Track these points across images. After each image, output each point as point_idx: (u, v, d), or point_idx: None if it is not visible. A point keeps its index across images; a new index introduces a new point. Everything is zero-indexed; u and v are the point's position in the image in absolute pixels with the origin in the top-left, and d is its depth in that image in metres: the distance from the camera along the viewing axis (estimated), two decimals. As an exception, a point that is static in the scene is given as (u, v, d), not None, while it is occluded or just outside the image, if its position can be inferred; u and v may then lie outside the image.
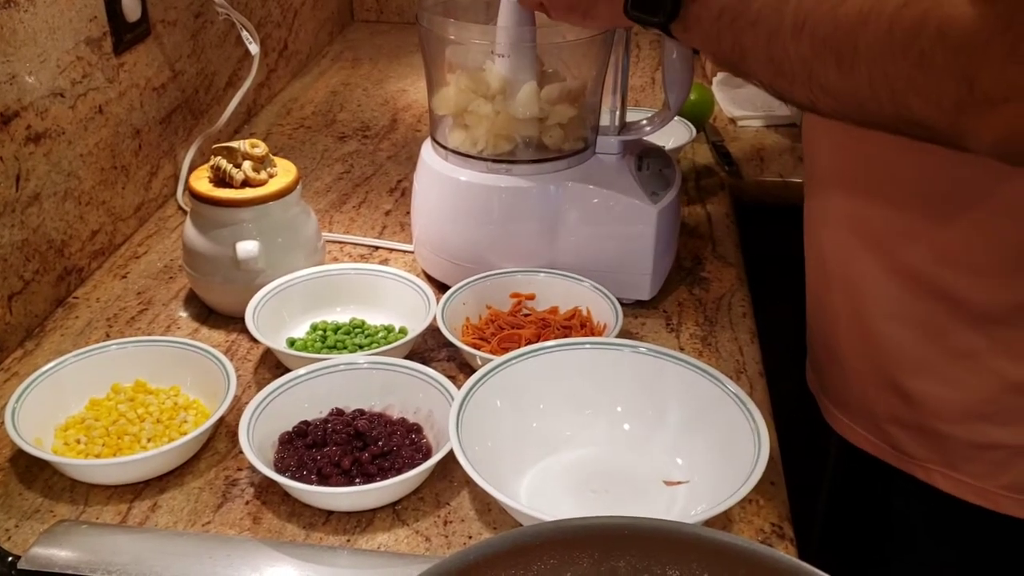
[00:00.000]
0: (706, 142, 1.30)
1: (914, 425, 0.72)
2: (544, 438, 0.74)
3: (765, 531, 0.68)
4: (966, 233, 0.65)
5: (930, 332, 0.69)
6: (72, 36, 0.91)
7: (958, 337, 0.68)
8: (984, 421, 0.69)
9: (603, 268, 0.90)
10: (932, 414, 0.71)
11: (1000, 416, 0.68)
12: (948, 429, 0.70)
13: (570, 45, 0.90)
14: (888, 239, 0.70)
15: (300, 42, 1.55)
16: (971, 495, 0.71)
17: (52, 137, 0.90)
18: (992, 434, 0.69)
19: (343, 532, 0.68)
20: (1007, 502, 0.70)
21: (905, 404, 0.72)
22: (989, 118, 0.48)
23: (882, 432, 0.75)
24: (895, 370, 0.72)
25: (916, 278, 0.68)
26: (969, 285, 0.66)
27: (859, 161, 0.70)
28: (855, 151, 0.70)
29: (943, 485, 0.72)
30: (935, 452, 0.72)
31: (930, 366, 0.70)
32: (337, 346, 0.84)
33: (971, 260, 0.65)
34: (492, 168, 0.90)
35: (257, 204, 0.87)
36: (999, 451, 0.69)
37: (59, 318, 0.92)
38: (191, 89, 1.17)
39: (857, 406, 0.77)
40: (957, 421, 0.70)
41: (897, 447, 0.74)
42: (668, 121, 0.91)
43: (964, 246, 0.65)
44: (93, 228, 0.98)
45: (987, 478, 0.70)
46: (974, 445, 0.69)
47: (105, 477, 0.71)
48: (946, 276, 0.67)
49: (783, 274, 0.94)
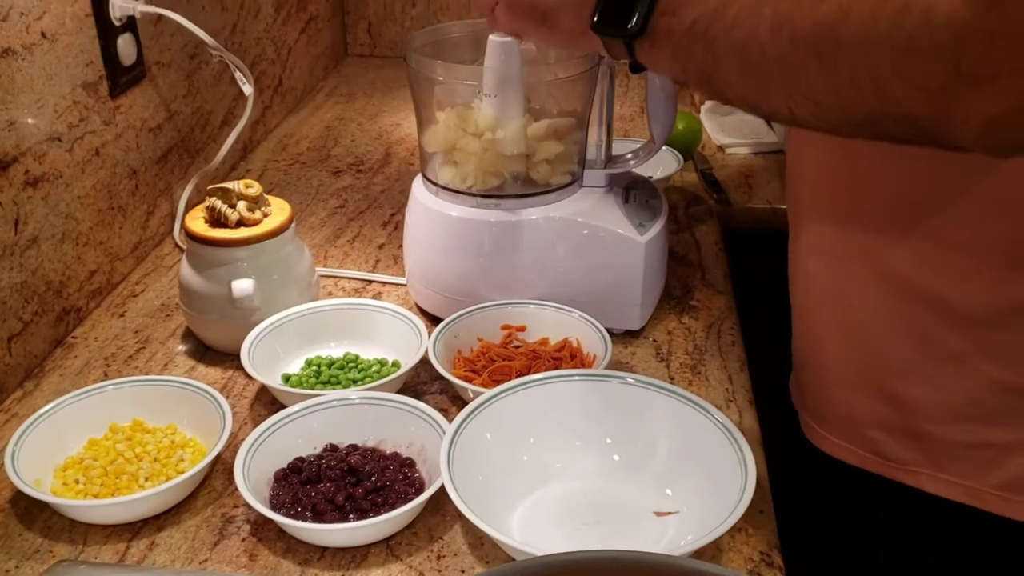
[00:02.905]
0: (694, 170, 1.32)
1: (901, 429, 0.73)
2: (535, 470, 0.75)
3: (754, 560, 0.69)
4: (949, 236, 0.66)
5: (917, 337, 0.70)
6: (69, 81, 0.93)
7: (945, 341, 0.69)
8: (972, 421, 0.70)
9: (592, 299, 0.92)
10: (921, 416, 0.72)
11: (988, 416, 0.69)
12: (937, 430, 0.71)
13: (557, 82, 0.92)
14: (873, 246, 0.71)
15: (294, 78, 1.57)
16: (961, 495, 0.72)
17: (50, 181, 0.91)
18: (980, 433, 0.70)
19: (338, 568, 0.69)
20: (996, 501, 0.71)
21: (893, 409, 0.73)
22: (977, 100, 0.48)
23: (866, 441, 0.76)
24: (883, 376, 0.73)
25: (902, 284, 0.70)
26: (954, 289, 0.67)
27: (843, 171, 0.71)
28: (839, 161, 0.71)
29: (931, 488, 0.73)
30: (923, 455, 0.73)
31: (918, 370, 0.71)
32: (331, 381, 0.86)
33: (955, 264, 0.67)
34: (481, 203, 0.92)
35: (252, 243, 0.89)
36: (988, 450, 0.70)
37: (58, 358, 0.93)
38: (187, 128, 1.19)
39: (840, 419, 0.78)
40: (946, 422, 0.71)
41: (882, 454, 0.75)
42: (653, 154, 0.93)
43: (948, 250, 0.67)
44: (91, 268, 1.00)
45: (976, 478, 0.71)
46: (963, 445, 0.71)
47: (103, 517, 0.72)
48: (932, 281, 0.68)
49: (773, 300, 0.95)
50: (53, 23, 0.90)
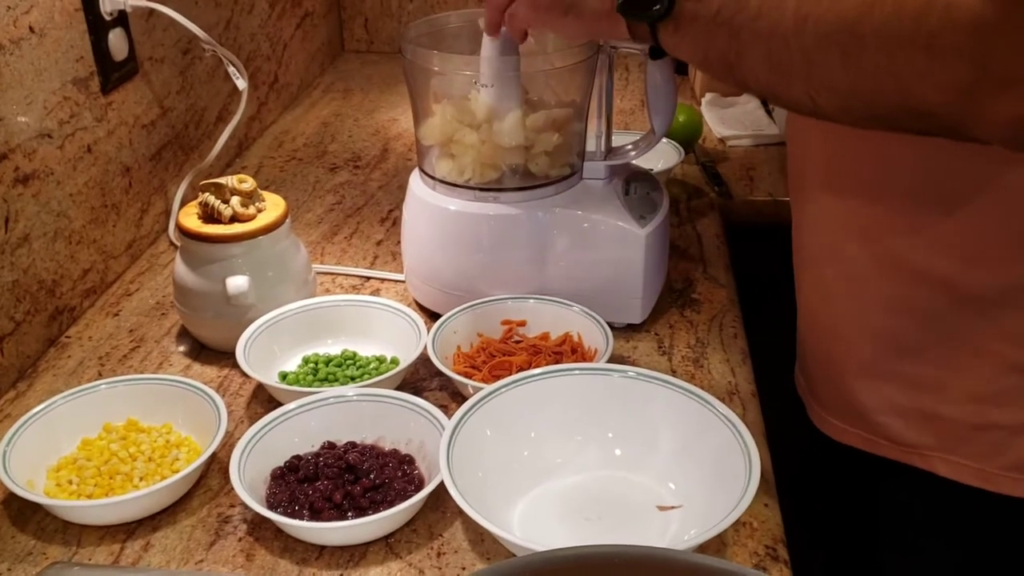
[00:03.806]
0: (696, 163, 1.30)
1: (913, 412, 0.73)
2: (536, 466, 0.74)
3: (759, 553, 0.68)
4: (962, 223, 0.66)
5: (927, 318, 0.70)
6: (59, 77, 0.92)
7: (955, 321, 0.69)
8: (984, 402, 0.70)
9: (593, 293, 0.90)
10: (933, 399, 0.72)
11: (1000, 397, 0.69)
12: (949, 411, 0.71)
13: (555, 72, 0.91)
14: (883, 234, 0.70)
15: (290, 74, 1.56)
16: (971, 478, 0.72)
17: (40, 178, 0.90)
18: (992, 415, 0.70)
19: (336, 567, 0.67)
20: (1006, 482, 0.71)
21: (904, 392, 0.73)
22: (1002, 101, 0.48)
23: (877, 426, 0.76)
24: (893, 360, 0.73)
25: (913, 270, 0.69)
26: (966, 272, 0.67)
27: (844, 155, 0.71)
28: (840, 145, 0.71)
29: (942, 470, 0.73)
30: (934, 437, 0.73)
31: (929, 351, 0.71)
32: (329, 378, 0.84)
33: (968, 249, 0.66)
34: (480, 197, 0.90)
35: (246, 239, 0.87)
36: (998, 431, 0.70)
37: (51, 358, 0.92)
38: (181, 125, 1.17)
39: (850, 405, 0.78)
40: (958, 403, 0.71)
41: (894, 439, 0.75)
42: (654, 145, 0.91)
43: (961, 236, 0.66)
44: (84, 267, 0.98)
45: (986, 459, 0.71)
46: (974, 427, 0.71)
47: (97, 518, 0.71)
48: (943, 265, 0.68)
49: (775, 292, 0.94)
50: (41, 17, 0.89)
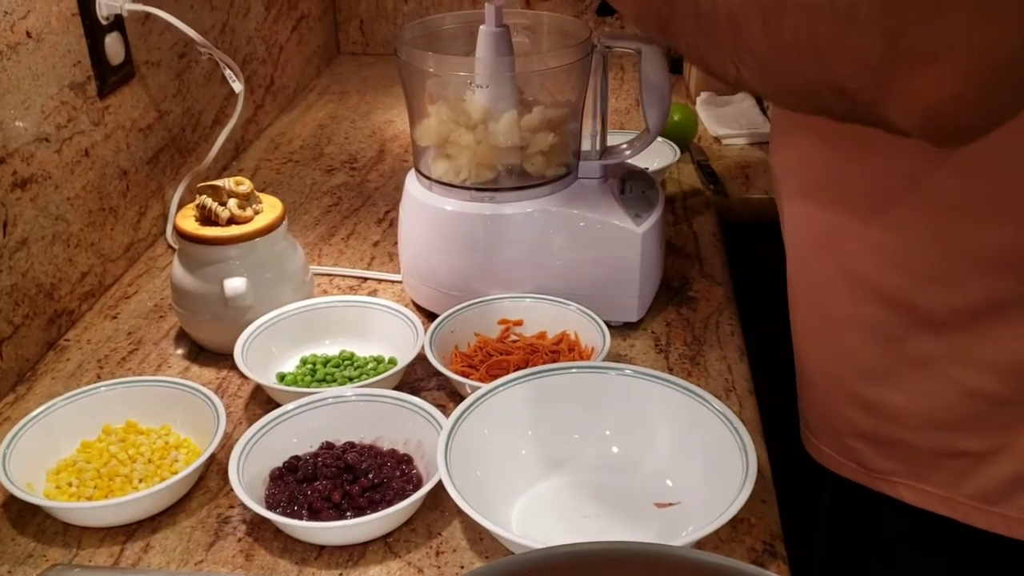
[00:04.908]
0: (691, 162, 1.31)
1: (878, 437, 0.71)
2: (534, 464, 0.74)
3: (757, 549, 0.68)
4: (913, 236, 0.63)
5: (886, 339, 0.67)
6: (56, 81, 0.92)
7: (913, 344, 0.66)
8: (945, 429, 0.67)
9: (590, 291, 0.91)
10: (895, 424, 0.69)
11: (960, 423, 0.66)
12: (911, 438, 0.69)
13: (550, 72, 0.91)
14: (841, 244, 0.68)
15: (287, 77, 1.56)
16: (937, 506, 0.69)
17: (38, 182, 0.90)
18: (954, 442, 0.67)
19: (336, 566, 0.68)
20: (972, 512, 0.68)
21: (868, 415, 0.71)
22: (913, 80, 0.47)
23: (848, 449, 0.74)
24: (856, 381, 0.71)
25: (869, 284, 0.67)
26: (919, 290, 0.64)
27: (815, 165, 0.69)
28: (812, 154, 0.69)
29: (909, 498, 0.70)
30: (900, 464, 0.70)
31: (889, 375, 0.68)
32: (327, 379, 0.85)
33: (921, 265, 0.64)
34: (476, 197, 0.90)
35: (243, 241, 0.88)
36: (962, 459, 0.67)
37: (50, 361, 0.92)
38: (177, 128, 1.18)
39: (824, 427, 0.76)
40: (919, 429, 0.68)
41: (862, 463, 0.73)
42: (649, 144, 0.92)
43: (912, 250, 0.64)
44: (82, 270, 0.99)
45: (951, 487, 0.68)
46: (937, 453, 0.68)
47: (97, 519, 0.71)
48: (897, 282, 0.65)
49: (771, 290, 0.94)
50: (38, 22, 0.89)
